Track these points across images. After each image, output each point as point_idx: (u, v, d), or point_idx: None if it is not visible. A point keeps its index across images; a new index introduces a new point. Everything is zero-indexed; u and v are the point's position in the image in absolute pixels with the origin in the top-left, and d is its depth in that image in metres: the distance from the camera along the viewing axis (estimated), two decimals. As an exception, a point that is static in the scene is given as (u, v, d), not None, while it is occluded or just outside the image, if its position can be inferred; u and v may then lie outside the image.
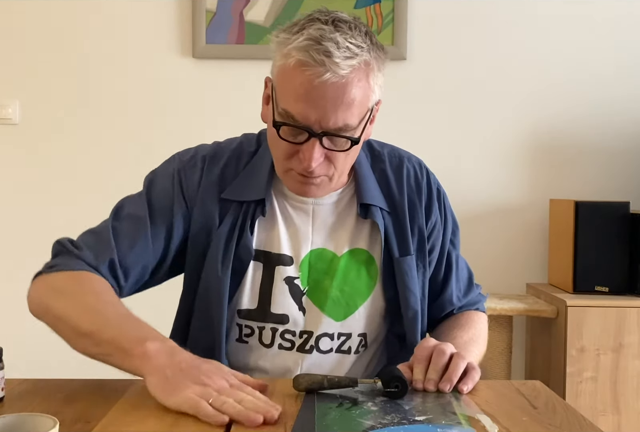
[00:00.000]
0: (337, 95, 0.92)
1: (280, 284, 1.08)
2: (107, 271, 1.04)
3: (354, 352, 1.12)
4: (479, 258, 2.24)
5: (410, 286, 1.10)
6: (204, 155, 1.11)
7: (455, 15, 2.34)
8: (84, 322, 0.92)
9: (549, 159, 2.37)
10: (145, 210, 1.07)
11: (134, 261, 1.05)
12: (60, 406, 0.85)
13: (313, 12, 0.97)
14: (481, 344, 1.13)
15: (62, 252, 1.06)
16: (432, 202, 1.16)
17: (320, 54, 0.90)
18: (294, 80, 0.93)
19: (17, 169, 2.35)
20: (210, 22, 2.30)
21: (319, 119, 0.94)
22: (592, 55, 2.35)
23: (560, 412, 0.86)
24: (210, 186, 1.08)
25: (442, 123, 2.35)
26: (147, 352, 0.85)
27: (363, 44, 0.94)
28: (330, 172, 1.01)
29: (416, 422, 0.80)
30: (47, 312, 0.98)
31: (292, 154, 0.99)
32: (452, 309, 1.21)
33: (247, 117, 2.31)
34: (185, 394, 0.80)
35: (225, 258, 1.06)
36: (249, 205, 1.07)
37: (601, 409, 1.98)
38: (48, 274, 1.03)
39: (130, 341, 0.87)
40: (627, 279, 2.06)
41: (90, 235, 1.08)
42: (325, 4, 2.31)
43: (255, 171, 1.09)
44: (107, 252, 1.04)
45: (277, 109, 0.97)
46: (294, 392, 0.90)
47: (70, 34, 2.33)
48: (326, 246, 1.10)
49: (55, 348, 2.38)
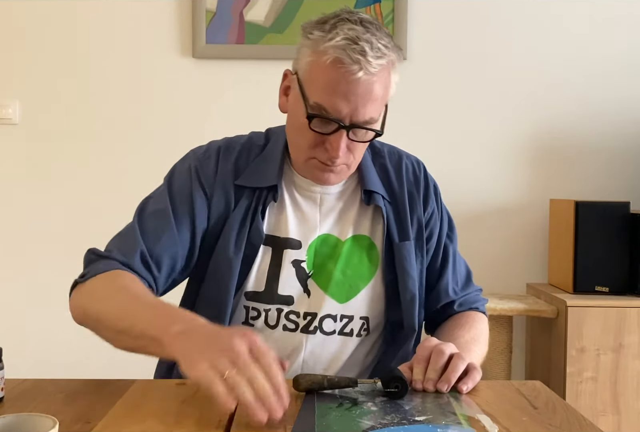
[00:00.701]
0: (366, 91, 1.00)
1: (287, 267, 1.12)
2: (140, 264, 1.07)
3: (356, 334, 1.15)
4: (479, 258, 2.24)
5: (409, 269, 1.15)
6: (218, 147, 1.17)
7: (455, 15, 2.34)
8: (118, 320, 0.94)
9: (549, 159, 2.37)
10: (168, 205, 1.11)
11: (163, 250, 1.08)
12: (60, 406, 0.85)
13: (340, 12, 1.03)
14: (483, 344, 1.14)
15: (93, 260, 1.09)
16: (429, 194, 1.22)
17: (357, 53, 0.98)
18: (329, 76, 1.00)
19: (17, 169, 2.35)
20: (210, 22, 2.30)
21: (349, 113, 1.01)
22: (592, 56, 2.35)
23: (560, 412, 0.86)
24: (225, 174, 1.14)
25: (442, 123, 2.35)
26: (172, 334, 0.85)
27: (389, 44, 1.02)
28: (349, 161, 1.08)
29: (416, 423, 0.80)
30: (86, 318, 1.01)
31: (317, 144, 1.05)
32: (449, 302, 1.22)
33: (247, 117, 2.33)
34: (202, 367, 0.77)
35: (238, 240, 1.10)
36: (261, 191, 1.13)
37: (601, 409, 1.98)
38: (83, 283, 1.06)
39: (158, 330, 0.87)
40: (627, 279, 2.06)
41: (117, 238, 1.12)
42: (325, 4, 2.33)
43: (267, 161, 1.15)
44: (136, 245, 1.07)
45: (308, 101, 1.03)
46: (294, 392, 0.89)
47: (70, 34, 2.33)
48: (331, 231, 1.16)
49: (55, 348, 2.39)
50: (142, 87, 2.34)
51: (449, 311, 1.23)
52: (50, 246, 2.34)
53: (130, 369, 1.67)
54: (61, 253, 2.33)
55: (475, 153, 2.36)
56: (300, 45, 1.06)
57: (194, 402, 0.87)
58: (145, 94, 2.33)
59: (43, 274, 2.33)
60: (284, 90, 1.12)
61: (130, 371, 1.51)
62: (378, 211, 1.16)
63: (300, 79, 1.05)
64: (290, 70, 1.10)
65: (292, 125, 1.10)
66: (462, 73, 2.34)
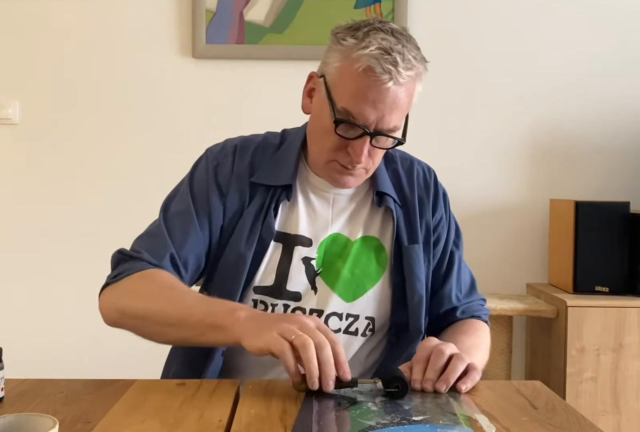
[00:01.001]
0: (394, 101, 1.03)
1: (297, 264, 1.14)
2: (170, 266, 1.10)
3: (361, 334, 1.16)
4: (479, 258, 2.24)
5: (417, 272, 1.17)
6: (235, 145, 1.20)
7: (455, 15, 2.34)
8: (170, 312, 0.99)
9: (549, 159, 2.37)
10: (190, 205, 1.15)
11: (189, 252, 1.12)
12: (60, 406, 0.85)
13: (372, 21, 1.06)
14: (484, 351, 1.14)
15: (123, 260, 1.11)
16: (438, 200, 1.24)
17: (389, 63, 1.01)
18: (359, 83, 1.03)
19: (17, 169, 2.35)
20: (210, 22, 2.30)
21: (375, 120, 1.04)
22: (592, 56, 2.35)
23: (560, 412, 0.86)
24: (242, 171, 1.17)
25: (442, 123, 2.35)
26: (239, 319, 0.92)
27: (417, 56, 1.05)
28: (368, 166, 1.11)
29: (416, 423, 0.80)
30: (125, 316, 1.04)
31: (340, 147, 1.08)
32: (451, 308, 1.22)
33: (247, 117, 2.33)
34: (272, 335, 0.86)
35: (251, 235, 1.13)
36: (275, 189, 1.15)
37: (601, 409, 1.98)
38: (116, 283, 1.07)
39: (221, 315, 0.94)
40: (627, 279, 2.06)
41: (144, 238, 1.15)
42: (325, 4, 2.33)
43: (282, 160, 1.17)
44: (165, 248, 1.11)
45: (335, 106, 1.05)
46: (294, 392, 0.90)
47: (70, 34, 2.33)
48: (342, 231, 1.18)
49: (55, 348, 2.39)
50: (142, 87, 2.34)
51: (451, 318, 1.23)
52: (51, 246, 2.34)
53: (130, 369, 1.67)
54: (62, 253, 2.33)
55: (475, 153, 2.36)
56: (329, 49, 1.08)
57: (194, 402, 0.87)
58: (146, 94, 2.33)
59: (43, 273, 2.33)
60: (308, 92, 1.14)
61: (130, 371, 1.51)
62: (388, 214, 1.19)
63: (327, 83, 1.07)
64: (316, 72, 1.12)
65: (315, 127, 1.13)
66: (461, 73, 2.34)
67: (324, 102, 1.07)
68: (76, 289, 2.30)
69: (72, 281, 2.31)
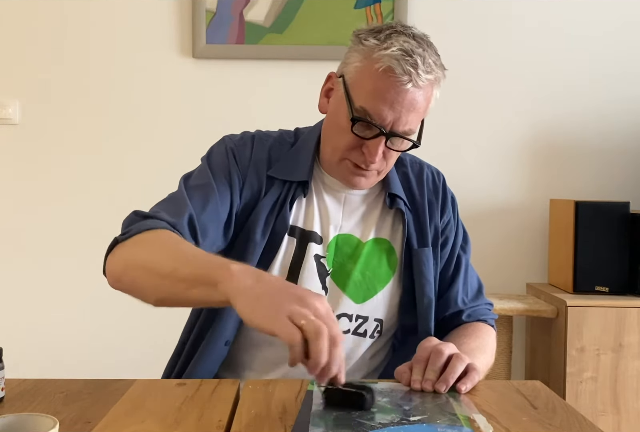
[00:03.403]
0: (411, 103, 1.04)
1: (310, 260, 1.14)
2: (187, 228, 1.04)
3: (369, 336, 1.16)
4: (479, 258, 2.23)
5: (427, 275, 1.17)
6: (253, 136, 1.20)
7: (455, 15, 2.34)
8: (165, 261, 0.91)
9: (549, 159, 2.37)
10: (210, 179, 1.12)
11: (209, 219, 1.08)
12: (60, 406, 0.85)
13: (395, 24, 1.07)
14: (488, 355, 1.13)
15: (136, 220, 1.03)
16: (447, 204, 1.25)
17: (409, 65, 1.01)
18: (378, 83, 1.03)
19: (17, 169, 2.35)
20: (210, 22, 2.30)
21: (392, 121, 1.04)
22: (592, 56, 2.35)
23: (560, 412, 0.86)
24: (259, 162, 1.16)
25: (443, 123, 2.34)
26: (233, 274, 0.82)
27: (437, 61, 1.07)
28: (382, 168, 1.12)
29: (416, 423, 0.80)
30: (128, 267, 0.96)
31: (355, 146, 1.08)
32: (457, 311, 1.22)
33: (247, 117, 2.33)
34: (279, 317, 0.75)
35: (265, 228, 1.12)
36: (291, 184, 1.15)
37: (601, 409, 1.98)
38: (124, 241, 1.00)
39: (214, 268, 0.85)
40: (627, 279, 2.06)
41: (163, 202, 1.10)
42: (325, 4, 2.32)
43: (298, 157, 1.17)
44: (185, 208, 1.06)
45: (353, 105, 1.05)
46: (294, 393, 0.90)
47: (70, 34, 2.33)
48: (353, 232, 1.17)
49: (55, 348, 2.38)
50: (142, 87, 2.33)
51: (457, 321, 1.22)
52: (51, 246, 2.34)
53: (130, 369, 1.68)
54: (62, 252, 2.33)
55: (475, 153, 2.36)
56: (350, 49, 1.09)
57: (194, 402, 0.87)
58: (145, 94, 2.33)
59: (43, 273, 2.33)
60: (325, 91, 1.15)
61: (130, 371, 1.51)
62: (398, 216, 1.19)
63: (346, 82, 1.08)
64: (335, 72, 1.13)
65: (331, 125, 1.13)
66: (462, 73, 2.34)
67: (342, 102, 1.08)
68: (76, 289, 2.29)
69: (73, 280, 2.31)
